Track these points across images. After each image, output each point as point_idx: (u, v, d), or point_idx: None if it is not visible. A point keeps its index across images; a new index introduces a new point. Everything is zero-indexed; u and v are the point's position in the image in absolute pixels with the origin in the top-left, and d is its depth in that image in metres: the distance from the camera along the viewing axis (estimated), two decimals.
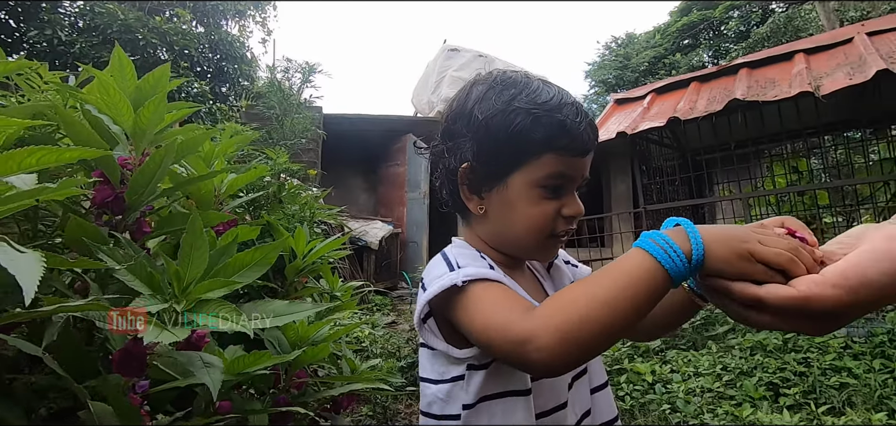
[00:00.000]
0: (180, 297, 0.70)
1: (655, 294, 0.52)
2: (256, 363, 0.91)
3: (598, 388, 0.77)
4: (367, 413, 2.70)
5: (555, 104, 0.67)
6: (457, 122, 0.73)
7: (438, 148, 0.74)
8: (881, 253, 0.46)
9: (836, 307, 0.46)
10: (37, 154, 0.48)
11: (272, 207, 1.84)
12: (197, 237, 0.74)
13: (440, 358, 0.66)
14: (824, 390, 2.43)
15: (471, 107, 0.71)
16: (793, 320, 0.49)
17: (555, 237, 0.69)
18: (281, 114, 4.93)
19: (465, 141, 0.70)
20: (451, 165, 0.71)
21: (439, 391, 0.65)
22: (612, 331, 0.53)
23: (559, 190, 0.67)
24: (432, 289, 0.62)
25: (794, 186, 4.48)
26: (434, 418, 0.66)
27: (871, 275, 0.46)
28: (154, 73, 1.23)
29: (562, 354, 0.52)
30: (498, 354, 0.59)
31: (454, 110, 0.74)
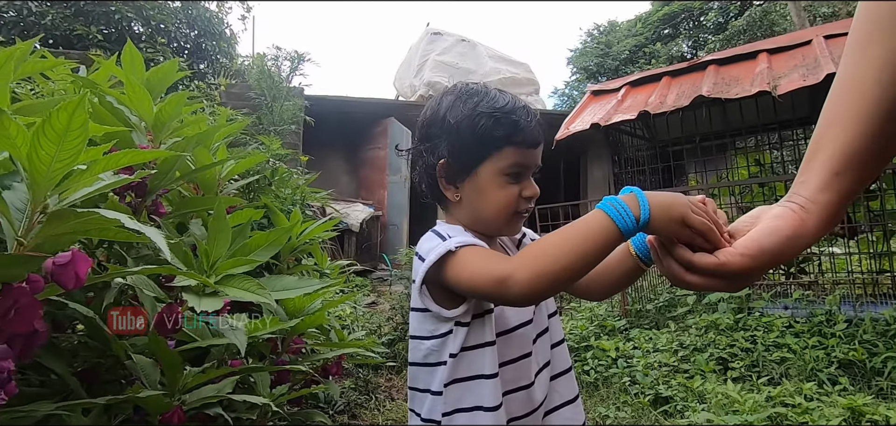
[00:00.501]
0: (210, 273, 0.84)
1: (608, 245, 0.69)
2: (266, 327, 1.06)
3: (557, 344, 0.96)
4: (350, 385, 2.86)
5: (510, 108, 0.84)
6: (432, 126, 0.90)
7: (417, 149, 0.92)
8: (771, 229, 0.62)
9: (744, 270, 0.62)
10: (127, 155, 0.61)
11: (265, 191, 1.97)
12: (220, 221, 0.88)
13: (430, 318, 0.84)
14: (766, 364, 2.70)
15: (443, 114, 0.88)
16: (713, 279, 0.65)
17: (518, 214, 0.86)
18: (270, 101, 4.99)
19: (440, 142, 0.87)
20: (430, 162, 0.88)
21: (433, 344, 0.83)
22: (573, 270, 0.69)
23: (519, 176, 0.84)
24: (431, 257, 0.77)
25: (755, 178, 4.76)
26: (429, 366, 0.84)
27: (766, 245, 0.62)
28: (162, 67, 1.34)
29: (535, 287, 0.69)
30: (484, 294, 0.76)
31: (429, 117, 0.92)
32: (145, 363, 0.84)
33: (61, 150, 0.50)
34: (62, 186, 0.55)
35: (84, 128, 0.49)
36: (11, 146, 0.50)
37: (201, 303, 0.81)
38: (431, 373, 0.84)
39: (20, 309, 0.50)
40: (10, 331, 0.50)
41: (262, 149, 1.99)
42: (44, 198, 0.54)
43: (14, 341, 0.51)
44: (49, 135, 0.48)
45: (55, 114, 0.47)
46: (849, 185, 0.58)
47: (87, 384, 1.01)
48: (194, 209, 1.16)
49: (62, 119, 0.48)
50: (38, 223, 0.54)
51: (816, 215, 0.59)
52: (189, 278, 0.78)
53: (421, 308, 0.84)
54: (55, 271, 0.51)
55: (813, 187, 0.59)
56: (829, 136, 0.59)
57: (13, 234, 0.52)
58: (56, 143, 0.49)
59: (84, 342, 1.04)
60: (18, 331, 0.50)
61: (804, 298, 3.28)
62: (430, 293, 0.82)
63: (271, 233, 0.95)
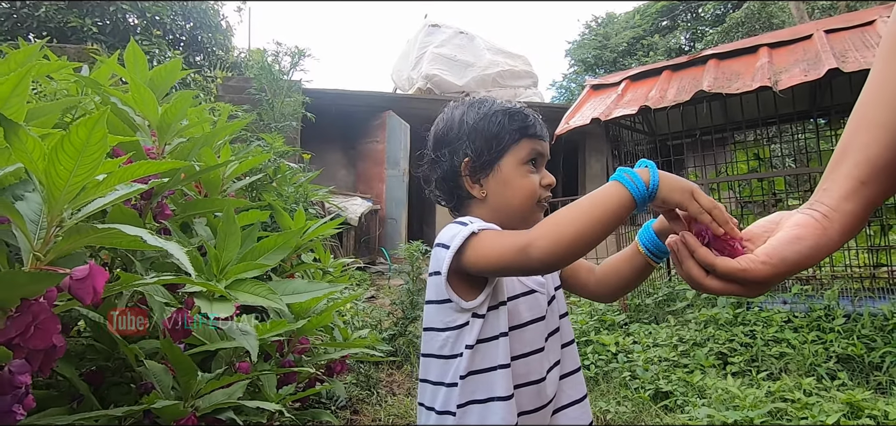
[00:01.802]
0: (220, 277, 0.84)
1: (622, 211, 0.71)
2: (274, 330, 1.06)
3: (567, 344, 0.98)
4: (352, 381, 2.87)
5: (518, 107, 0.93)
6: (449, 133, 0.95)
7: (432, 160, 0.97)
8: (793, 237, 0.62)
9: (764, 278, 0.62)
10: (143, 167, 0.61)
11: (268, 189, 1.97)
12: (231, 225, 0.88)
13: (447, 309, 0.85)
14: (765, 359, 2.72)
15: (459, 119, 0.94)
16: (732, 285, 0.65)
17: (540, 204, 0.91)
18: (271, 96, 4.96)
19: (460, 144, 0.92)
20: (452, 166, 0.92)
21: (449, 336, 0.84)
22: (590, 236, 0.72)
23: (536, 164, 0.91)
24: (456, 243, 0.80)
25: (755, 172, 4.77)
26: (444, 358, 0.85)
27: (787, 255, 0.62)
28: (165, 66, 1.33)
29: (554, 252, 0.72)
30: (507, 264, 0.77)
31: (443, 127, 0.97)
32: (157, 368, 0.84)
33: (80, 166, 0.49)
34: (77, 199, 0.54)
35: (103, 143, 0.49)
36: (28, 160, 0.49)
37: (212, 307, 0.81)
38: (446, 365, 0.85)
39: (40, 324, 0.50)
40: (30, 347, 0.49)
41: (265, 146, 1.98)
42: (60, 212, 0.53)
43: (33, 356, 0.51)
44: (68, 150, 0.47)
45: (75, 130, 0.47)
46: (874, 195, 0.58)
47: (94, 386, 1.01)
48: (200, 211, 1.15)
49: (82, 135, 0.47)
50: (54, 237, 0.54)
51: (839, 224, 0.59)
52: (200, 285, 0.78)
53: (439, 299, 0.86)
54: (73, 286, 0.51)
55: (837, 196, 0.59)
56: (857, 143, 0.58)
57: (29, 249, 0.52)
58: (75, 158, 0.48)
59: (90, 344, 1.04)
60: (38, 347, 0.50)
61: (803, 293, 3.30)
62: (451, 283, 0.84)
63: (281, 237, 0.95)
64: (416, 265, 3.68)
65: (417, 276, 3.72)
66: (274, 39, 14.43)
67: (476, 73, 9.44)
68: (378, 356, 1.84)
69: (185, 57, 8.64)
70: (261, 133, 2.23)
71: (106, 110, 0.49)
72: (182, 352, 0.81)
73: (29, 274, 0.50)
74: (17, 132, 0.47)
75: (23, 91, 0.52)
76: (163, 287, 0.86)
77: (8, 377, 0.49)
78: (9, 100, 0.51)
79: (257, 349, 0.86)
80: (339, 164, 8.79)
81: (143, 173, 0.59)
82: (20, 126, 0.46)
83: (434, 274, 0.86)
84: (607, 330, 3.46)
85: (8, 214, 0.50)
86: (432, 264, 0.87)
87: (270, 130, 4.37)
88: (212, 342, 1.00)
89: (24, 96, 0.52)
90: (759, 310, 3.13)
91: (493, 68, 9.62)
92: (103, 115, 0.47)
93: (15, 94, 0.51)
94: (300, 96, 5.85)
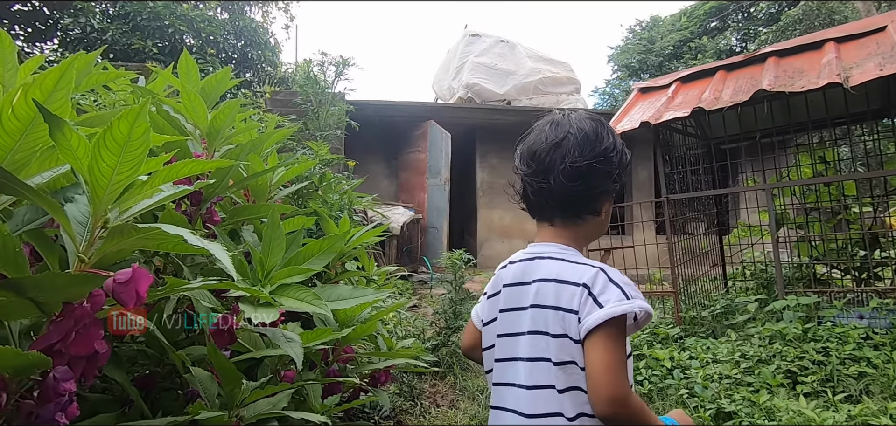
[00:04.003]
0: (264, 282, 0.82)
1: None
2: (318, 338, 1.04)
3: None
4: (396, 391, 2.84)
5: None
6: (602, 146, 0.94)
7: (588, 165, 0.93)
8: None
9: None
10: (187, 166, 0.59)
11: (313, 196, 1.97)
12: (275, 229, 0.86)
13: (567, 346, 0.86)
14: (842, 379, 2.48)
15: (611, 137, 0.96)
16: None
17: None
18: (316, 106, 5.08)
19: (612, 164, 0.94)
20: (604, 180, 0.93)
21: (573, 369, 0.87)
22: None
23: None
24: (622, 308, 0.82)
25: (821, 177, 4.43)
26: (568, 391, 0.86)
27: None
28: (216, 75, 1.35)
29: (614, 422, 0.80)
30: (597, 394, 0.81)
31: (594, 138, 0.94)
32: (203, 376, 0.82)
33: (122, 162, 0.47)
34: (123, 199, 0.53)
35: (145, 137, 0.47)
36: (73, 158, 0.48)
37: (257, 313, 0.78)
38: (569, 399, 0.86)
39: (82, 330, 0.48)
40: (72, 353, 0.48)
41: (310, 155, 1.99)
42: (105, 212, 0.52)
43: (75, 363, 0.49)
44: (110, 146, 0.46)
45: (116, 123, 0.45)
46: None
47: (145, 392, 1.01)
48: (247, 217, 1.15)
49: (123, 129, 0.45)
50: (99, 238, 0.52)
51: None
52: (244, 290, 0.76)
53: (572, 338, 0.86)
54: (116, 289, 0.49)
55: None
56: None
57: (75, 251, 0.51)
58: (117, 153, 0.46)
59: (142, 350, 1.04)
60: (80, 353, 0.48)
61: (883, 307, 3.01)
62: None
63: (325, 241, 0.92)
64: (458, 274, 3.63)
65: (460, 286, 3.67)
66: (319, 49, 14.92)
67: (517, 80, 9.35)
68: (422, 367, 1.80)
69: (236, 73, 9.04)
70: (306, 141, 2.25)
71: (147, 102, 0.47)
72: (227, 360, 0.79)
73: (69, 276, 0.48)
74: (62, 129, 0.45)
75: (66, 86, 0.51)
76: (210, 293, 0.84)
77: (52, 384, 0.47)
78: (52, 94, 0.50)
79: (302, 357, 0.83)
80: (381, 174, 8.90)
81: (188, 172, 0.57)
82: (65, 122, 0.45)
83: (570, 311, 0.86)
84: (661, 344, 3.27)
85: (53, 213, 0.49)
86: (574, 303, 0.86)
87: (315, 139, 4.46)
88: (257, 349, 0.99)
89: (67, 91, 0.52)
90: (832, 326, 2.87)
91: (535, 75, 9.50)
92: (144, 106, 0.45)
93: (58, 89, 0.50)
94: (344, 105, 5.96)
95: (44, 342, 0.46)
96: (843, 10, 12.97)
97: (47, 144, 0.50)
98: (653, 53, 18.21)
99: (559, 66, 10.00)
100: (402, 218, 7.15)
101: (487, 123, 9.04)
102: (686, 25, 18.10)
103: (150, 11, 8.49)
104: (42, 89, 0.49)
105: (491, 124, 9.06)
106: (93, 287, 0.49)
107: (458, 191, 9.68)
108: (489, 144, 9.16)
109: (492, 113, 8.74)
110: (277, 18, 16.27)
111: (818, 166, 4.45)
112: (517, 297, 0.94)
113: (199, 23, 8.85)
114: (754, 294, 4.02)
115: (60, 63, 0.50)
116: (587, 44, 73.24)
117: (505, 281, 0.98)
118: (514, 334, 0.92)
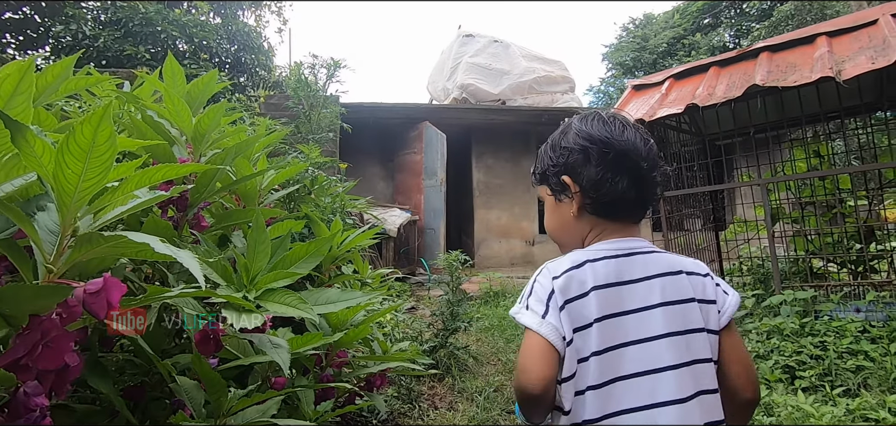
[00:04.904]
0: (250, 288, 0.80)
1: None
2: (308, 343, 1.02)
3: None
4: (393, 394, 2.82)
5: None
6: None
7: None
8: None
9: None
10: (163, 170, 0.57)
11: (305, 200, 1.95)
12: (260, 233, 0.84)
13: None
14: (840, 373, 2.47)
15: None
16: None
17: None
18: (308, 109, 5.06)
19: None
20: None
21: None
22: None
23: None
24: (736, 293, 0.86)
25: (815, 171, 4.44)
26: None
27: None
28: (202, 79, 1.32)
29: None
30: (753, 379, 0.83)
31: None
32: (189, 385, 0.81)
33: (89, 168, 0.45)
34: (95, 206, 0.51)
35: (111, 141, 0.45)
36: (37, 165, 0.46)
37: (241, 319, 0.76)
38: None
39: (50, 342, 0.46)
40: (39, 367, 0.46)
41: (302, 158, 1.97)
42: (74, 220, 0.50)
43: (45, 377, 0.47)
44: (74, 151, 0.44)
45: (79, 128, 0.43)
46: None
47: (134, 402, 0.99)
48: (236, 221, 1.13)
49: (87, 133, 0.43)
50: (68, 247, 0.51)
51: None
52: (225, 297, 0.74)
53: (712, 329, 0.82)
54: (87, 300, 0.47)
55: None
56: None
57: (43, 261, 0.49)
58: (82, 159, 0.45)
59: (130, 360, 1.02)
60: (48, 367, 0.47)
61: (879, 300, 3.01)
62: None
63: (312, 245, 0.90)
64: (455, 275, 3.62)
65: (457, 287, 3.65)
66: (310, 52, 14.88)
67: (512, 80, 9.34)
68: (418, 370, 1.78)
69: (230, 78, 9.01)
70: (298, 145, 2.23)
71: (109, 105, 0.46)
72: (211, 369, 0.78)
73: (35, 287, 0.46)
74: (25, 134, 0.43)
75: (26, 89, 0.49)
76: (195, 300, 0.83)
77: (23, 399, 0.45)
78: (12, 99, 0.48)
79: (288, 363, 0.81)
80: (377, 176, 8.88)
81: (162, 177, 0.55)
82: (27, 128, 0.43)
83: (711, 302, 0.84)
84: None
85: (18, 222, 0.47)
86: (712, 294, 0.84)
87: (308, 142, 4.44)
88: (246, 355, 0.97)
89: (28, 95, 0.50)
90: (829, 320, 2.87)
91: (529, 75, 9.50)
92: (107, 110, 0.43)
93: (18, 93, 0.48)
94: (337, 108, 5.94)
95: (9, 356, 0.45)
96: (834, 5, 13.04)
97: (15, 151, 0.49)
98: (646, 51, 18.27)
99: (553, 65, 10.01)
100: (398, 220, 7.13)
101: (483, 123, 9.03)
102: (679, 23, 18.17)
103: (141, 17, 8.46)
104: (0, 95, 0.47)
105: (486, 124, 9.05)
106: (59, 298, 0.47)
107: (455, 192, 9.67)
108: (485, 144, 9.15)
109: (487, 113, 8.74)
110: (270, 22, 16.30)
111: (812, 160, 4.46)
112: (629, 298, 0.79)
113: (192, 28, 8.82)
114: (751, 289, 4.02)
115: (19, 63, 0.48)
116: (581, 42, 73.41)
117: (595, 282, 0.80)
118: (640, 341, 0.77)
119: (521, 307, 0.82)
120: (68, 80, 0.93)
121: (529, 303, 0.81)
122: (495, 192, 8.98)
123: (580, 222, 0.87)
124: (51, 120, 0.88)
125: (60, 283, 0.49)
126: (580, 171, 0.85)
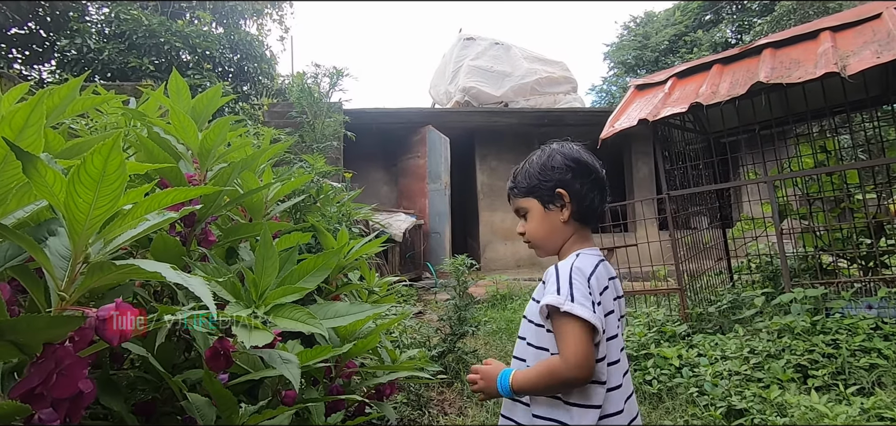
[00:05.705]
0: (259, 304, 0.80)
1: None
2: (317, 356, 1.02)
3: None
4: (403, 400, 2.82)
5: None
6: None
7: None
8: None
9: None
10: (172, 194, 0.57)
11: (311, 210, 1.95)
12: (267, 249, 0.84)
13: None
14: (853, 371, 2.45)
15: None
16: None
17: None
18: (311, 118, 5.08)
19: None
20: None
21: None
22: None
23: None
24: None
25: (822, 167, 4.40)
26: None
27: None
28: (207, 93, 1.33)
29: None
30: None
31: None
32: (200, 401, 0.81)
33: (99, 197, 0.46)
34: (106, 232, 0.51)
35: (121, 170, 0.45)
36: (49, 194, 0.46)
37: (251, 336, 0.76)
38: None
39: (65, 371, 0.46)
40: (54, 396, 0.46)
41: (307, 167, 1.98)
42: (85, 246, 0.50)
43: (59, 405, 0.47)
44: (85, 181, 0.44)
45: (89, 158, 0.43)
46: None
47: (146, 417, 0.99)
48: (243, 235, 1.13)
49: (97, 163, 0.43)
50: (80, 274, 0.51)
51: None
52: (237, 316, 0.74)
53: None
54: (99, 327, 0.47)
55: None
56: None
57: (55, 289, 0.49)
58: (93, 189, 0.45)
59: (141, 376, 1.02)
60: (63, 395, 0.47)
61: (891, 296, 2.97)
62: None
63: (320, 258, 0.90)
64: (461, 280, 3.61)
65: (464, 291, 3.64)
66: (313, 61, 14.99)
67: (514, 82, 9.34)
68: (427, 378, 1.78)
69: (233, 87, 9.06)
70: (302, 154, 2.24)
71: (119, 136, 0.46)
72: (222, 386, 0.78)
73: (48, 317, 0.46)
74: (36, 165, 0.44)
75: (37, 121, 0.49)
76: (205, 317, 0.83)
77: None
78: (23, 131, 0.49)
79: (299, 377, 0.81)
80: (381, 181, 8.89)
81: (171, 201, 0.56)
82: (38, 158, 0.44)
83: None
84: (668, 342, 3.24)
85: (30, 250, 0.48)
86: None
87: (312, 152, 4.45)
88: (257, 370, 0.97)
89: (39, 126, 0.50)
90: (841, 318, 2.84)
91: (531, 76, 9.49)
92: (117, 140, 0.44)
93: (29, 125, 0.49)
94: (340, 116, 5.96)
95: (24, 386, 0.45)
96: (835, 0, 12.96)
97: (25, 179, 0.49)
98: (648, 49, 18.21)
99: (555, 66, 10.00)
100: (403, 224, 7.13)
101: (486, 126, 9.03)
102: (680, 20, 18.11)
103: (145, 29, 8.52)
104: (12, 126, 0.47)
105: (489, 127, 9.05)
106: (72, 327, 0.47)
107: (459, 194, 9.67)
108: (488, 147, 9.15)
109: (489, 115, 8.74)
110: (272, 31, 16.43)
111: (819, 156, 4.42)
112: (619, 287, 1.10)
113: (195, 38, 8.87)
114: (760, 287, 3.99)
115: (32, 97, 0.48)
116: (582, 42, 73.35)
117: (611, 274, 1.09)
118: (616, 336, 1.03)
119: (564, 299, 0.94)
120: (76, 101, 0.94)
121: (574, 295, 0.95)
122: (499, 195, 8.97)
123: (567, 227, 1.10)
124: (58, 140, 0.89)
125: (73, 311, 0.49)
126: (570, 186, 1.09)
